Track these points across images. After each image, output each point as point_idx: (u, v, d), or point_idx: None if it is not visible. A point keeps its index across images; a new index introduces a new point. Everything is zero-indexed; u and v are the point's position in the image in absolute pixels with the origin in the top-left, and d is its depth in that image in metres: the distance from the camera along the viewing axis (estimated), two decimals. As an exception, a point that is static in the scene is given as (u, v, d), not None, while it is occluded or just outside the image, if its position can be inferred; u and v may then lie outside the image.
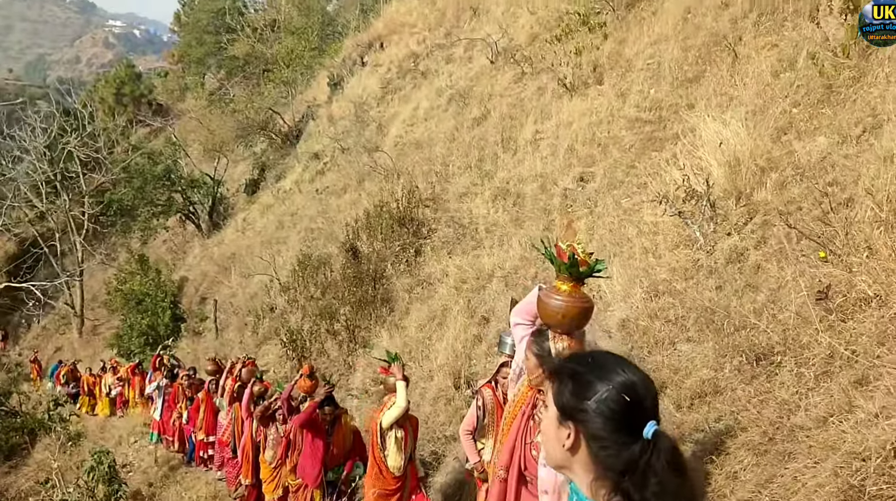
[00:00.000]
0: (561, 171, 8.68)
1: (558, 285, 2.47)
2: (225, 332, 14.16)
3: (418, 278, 9.09)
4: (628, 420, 1.29)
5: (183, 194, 22.20)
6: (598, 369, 1.34)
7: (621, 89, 9.66)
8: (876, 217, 2.83)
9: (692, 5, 10.32)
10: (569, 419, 1.34)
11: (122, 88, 36.19)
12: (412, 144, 14.89)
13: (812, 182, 4.10)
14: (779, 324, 3.06)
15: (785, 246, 3.56)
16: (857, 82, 5.47)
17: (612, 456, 1.28)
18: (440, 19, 18.95)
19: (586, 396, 1.31)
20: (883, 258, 2.55)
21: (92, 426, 14.63)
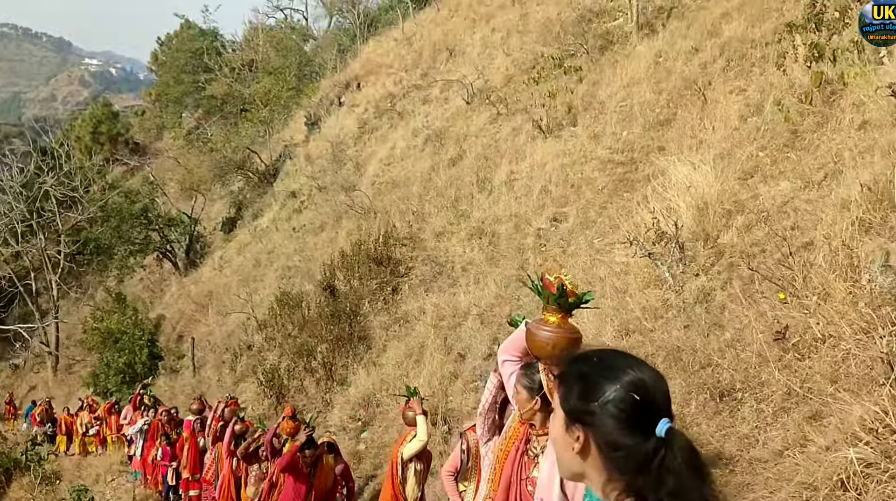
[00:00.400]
0: (535, 211, 8.84)
1: (547, 317, 2.50)
2: (202, 370, 13.93)
3: (395, 316, 9.10)
4: (639, 419, 1.25)
5: (160, 233, 22.00)
6: (606, 368, 1.30)
7: (594, 131, 9.94)
8: (832, 262, 2.99)
9: (663, 49, 10.74)
10: (577, 422, 1.30)
11: (99, 127, 36.00)
12: (389, 183, 15.03)
13: (774, 226, 4.27)
14: (741, 362, 3.17)
15: (748, 287, 3.70)
16: (821, 128, 5.72)
17: (624, 458, 1.24)
18: (417, 60, 19.35)
19: (594, 397, 1.27)
20: (837, 302, 2.68)
21: (68, 465, 14.22)
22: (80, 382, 21.21)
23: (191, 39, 32.41)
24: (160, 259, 23.83)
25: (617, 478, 1.26)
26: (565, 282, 2.50)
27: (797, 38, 5.94)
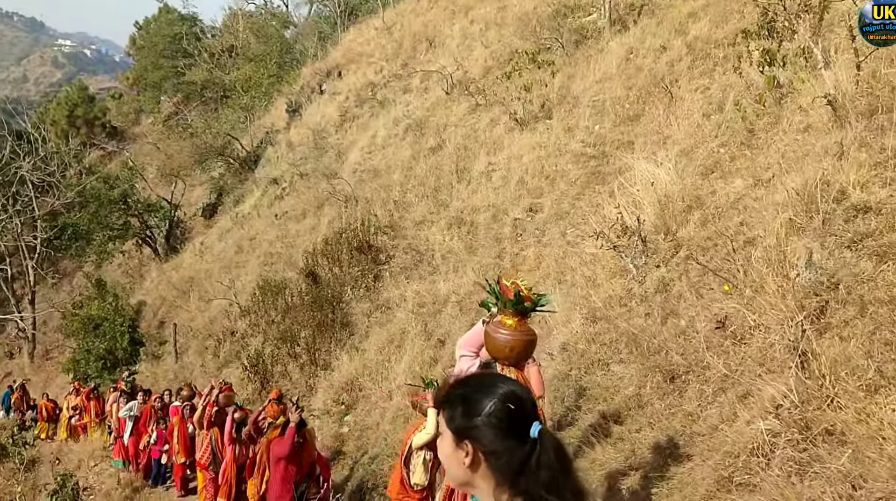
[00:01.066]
0: (512, 202, 9.13)
1: (504, 319, 2.63)
2: (185, 355, 14.07)
3: (377, 303, 9.36)
4: (515, 426, 1.39)
5: (139, 218, 21.90)
6: (481, 387, 1.44)
7: (568, 124, 10.23)
8: (767, 258, 3.32)
9: (634, 46, 11.02)
10: (464, 438, 1.42)
11: (75, 110, 35.39)
12: (370, 171, 15.19)
13: (726, 222, 4.61)
14: (690, 348, 3.50)
15: (701, 279, 4.04)
16: (773, 128, 6.06)
17: (507, 462, 1.38)
18: (397, 50, 19.43)
19: (476, 413, 1.41)
20: (769, 294, 3.01)
21: (47, 451, 14.27)
22: (59, 368, 21.16)
23: (169, 24, 31.94)
24: (140, 245, 23.72)
25: (503, 482, 1.39)
26: (521, 288, 2.63)
27: (751, 43, 6.26)
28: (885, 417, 2.06)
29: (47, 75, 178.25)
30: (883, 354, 2.33)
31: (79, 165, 29.74)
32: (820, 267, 2.95)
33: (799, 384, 2.48)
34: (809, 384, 2.42)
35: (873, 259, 2.74)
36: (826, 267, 2.92)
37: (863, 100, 4.14)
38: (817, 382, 2.40)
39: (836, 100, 4.27)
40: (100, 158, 35.75)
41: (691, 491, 2.64)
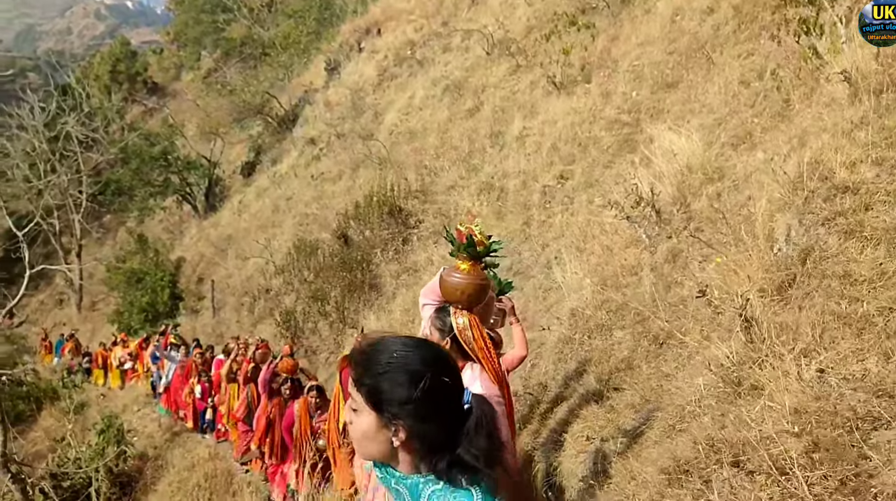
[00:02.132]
0: (543, 168, 9.42)
1: (458, 264, 2.76)
2: (221, 311, 14.99)
3: (405, 266, 9.87)
4: (450, 400, 1.38)
5: (179, 176, 22.91)
6: (407, 361, 1.38)
7: (606, 89, 10.37)
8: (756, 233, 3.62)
9: (682, 6, 10.99)
10: (395, 418, 1.37)
11: (118, 66, 36.69)
12: (406, 133, 15.59)
13: (737, 195, 4.88)
14: (681, 315, 3.86)
15: (705, 250, 4.36)
16: (807, 99, 6.21)
17: (437, 435, 1.36)
18: (438, 7, 19.54)
19: (409, 395, 1.35)
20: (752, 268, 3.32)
21: (94, 396, 15.55)
22: (105, 319, 22.67)
23: (210, -23, 32.61)
24: (180, 202, 24.85)
25: (429, 455, 1.38)
26: (475, 233, 2.81)
27: (789, 11, 6.34)
28: (802, 374, 2.41)
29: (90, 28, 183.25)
30: (827, 323, 2.66)
31: (121, 121, 31.10)
32: (795, 243, 3.25)
33: (740, 348, 2.84)
34: (749, 348, 2.77)
35: (841, 236, 3.02)
36: (799, 243, 3.22)
37: (879, 77, 4.32)
38: (755, 346, 2.76)
39: (851, 76, 4.45)
40: (140, 114, 37.16)
41: (644, 438, 3.06)
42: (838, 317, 2.64)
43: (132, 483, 9.35)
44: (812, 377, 2.40)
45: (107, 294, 25.62)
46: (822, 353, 2.49)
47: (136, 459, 9.44)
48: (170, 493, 8.23)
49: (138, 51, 43.01)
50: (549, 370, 4.78)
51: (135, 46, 43.46)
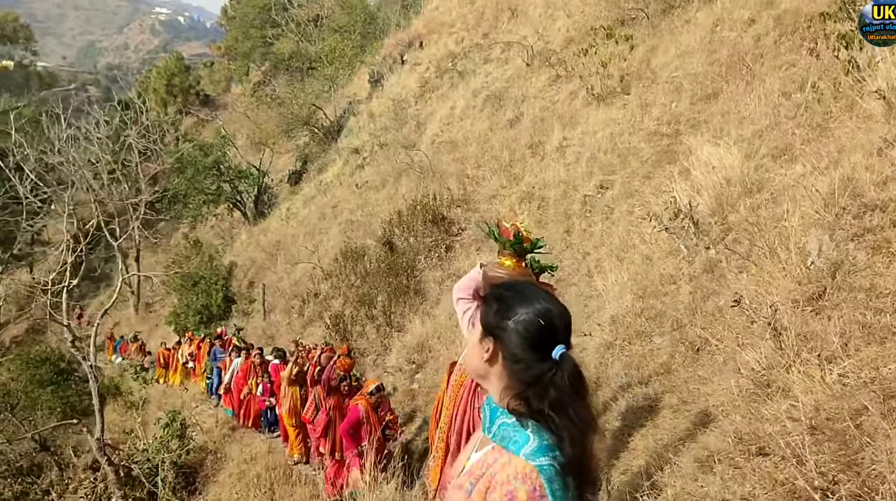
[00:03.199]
0: (583, 178, 9.58)
1: (502, 261, 2.84)
2: (272, 314, 15.49)
3: (448, 272, 10.13)
4: (540, 341, 1.48)
5: (231, 184, 23.70)
6: (521, 296, 1.55)
7: (645, 100, 10.46)
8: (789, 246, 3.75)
9: (722, 17, 10.99)
10: (490, 334, 1.54)
11: (173, 80, 38.08)
12: (448, 143, 15.88)
13: (774, 208, 5.00)
14: (717, 323, 4.01)
15: (741, 262, 4.50)
16: (847, 113, 6.25)
17: (522, 370, 1.49)
18: (479, 19, 19.85)
19: (507, 316, 1.51)
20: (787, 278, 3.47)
21: (154, 394, 16.25)
22: (160, 319, 23.57)
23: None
24: (231, 209, 25.67)
25: (512, 386, 1.50)
26: (521, 229, 2.86)
27: (828, 25, 6.40)
28: (825, 378, 2.57)
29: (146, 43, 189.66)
30: (853, 332, 2.80)
31: (176, 132, 32.26)
32: (826, 257, 3.39)
33: (769, 353, 3.00)
34: (778, 354, 2.93)
35: (869, 251, 3.15)
36: (830, 257, 3.35)
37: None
38: (784, 352, 2.91)
39: (885, 94, 4.53)
40: (193, 124, 38.47)
41: (680, 434, 3.24)
42: (863, 327, 2.78)
43: (194, 474, 9.82)
44: (834, 380, 2.56)
45: (162, 296, 26.64)
46: (845, 360, 2.64)
47: (197, 452, 9.93)
48: (230, 483, 8.63)
49: (191, 65, 44.49)
50: (590, 373, 4.97)
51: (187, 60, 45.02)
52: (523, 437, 1.45)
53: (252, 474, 8.35)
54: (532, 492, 1.39)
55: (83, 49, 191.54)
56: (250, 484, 7.98)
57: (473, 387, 2.92)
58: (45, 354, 17.93)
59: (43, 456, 14.32)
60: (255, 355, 10.23)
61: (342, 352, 6.89)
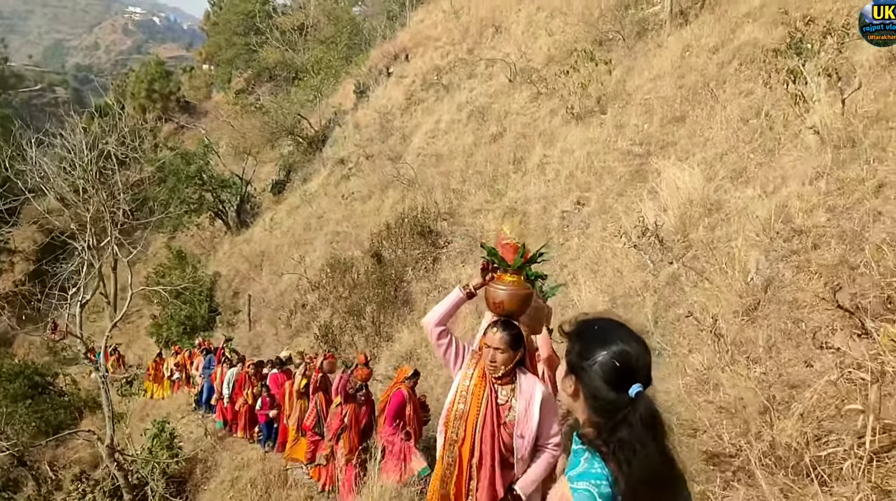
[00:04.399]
0: (561, 194, 10.34)
1: (504, 277, 2.95)
2: (257, 324, 16.03)
3: (435, 283, 10.81)
4: (617, 381, 1.60)
5: (213, 193, 24.16)
6: (601, 337, 1.67)
7: (620, 121, 11.27)
8: (732, 263, 4.49)
9: (691, 43, 11.88)
10: (572, 373, 1.69)
11: (153, 85, 38.42)
12: (433, 156, 16.60)
13: (728, 227, 5.75)
14: (674, 331, 4.73)
15: (699, 276, 5.24)
16: (793, 140, 7.06)
17: (600, 406, 1.62)
18: (464, 34, 20.65)
19: (587, 357, 1.64)
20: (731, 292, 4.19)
21: (134, 406, 16.62)
22: (139, 331, 23.89)
23: (243, 1, 34.19)
24: (213, 218, 26.10)
25: (592, 419, 1.65)
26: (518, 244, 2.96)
27: (779, 61, 7.21)
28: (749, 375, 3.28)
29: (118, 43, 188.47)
30: (776, 337, 3.51)
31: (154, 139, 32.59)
32: (761, 275, 4.12)
33: (710, 356, 3.72)
34: (717, 356, 3.65)
35: (794, 270, 3.88)
36: (764, 275, 4.09)
37: (840, 133, 5.17)
38: (721, 355, 3.63)
39: (819, 130, 5.30)
40: (173, 131, 38.79)
41: None
42: (784, 333, 3.49)
43: (184, 484, 10.29)
44: (756, 376, 3.26)
45: (140, 307, 26.91)
46: (767, 361, 3.35)
47: (186, 462, 10.41)
48: (222, 490, 9.17)
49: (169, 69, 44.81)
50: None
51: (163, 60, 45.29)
52: (576, 461, 1.63)
53: (245, 479, 8.89)
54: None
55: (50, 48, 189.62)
56: (244, 489, 8.51)
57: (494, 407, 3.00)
58: (18, 367, 18.10)
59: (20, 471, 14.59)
60: (248, 365, 10.55)
61: (360, 362, 7.04)
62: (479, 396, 3.04)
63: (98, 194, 27.17)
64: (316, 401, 7.60)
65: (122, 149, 26.67)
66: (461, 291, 3.08)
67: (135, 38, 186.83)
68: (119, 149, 26.50)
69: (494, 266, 3.01)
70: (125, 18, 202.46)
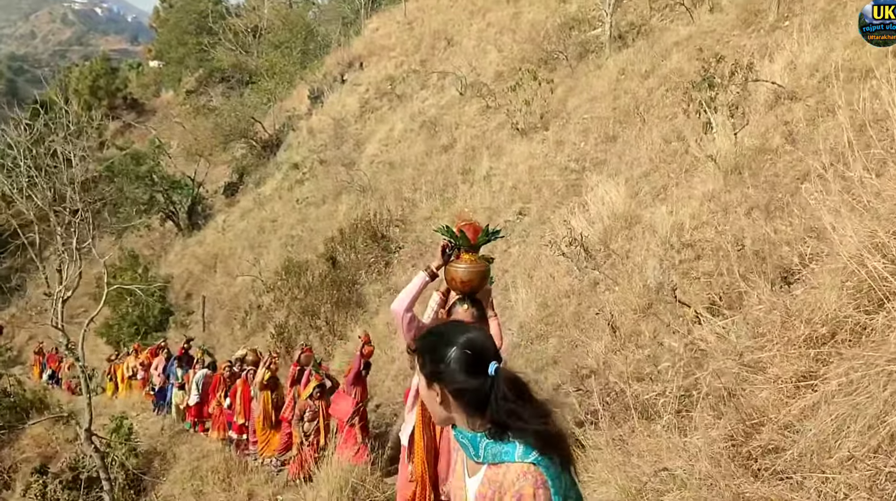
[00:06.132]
0: (505, 205, 11.31)
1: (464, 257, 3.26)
2: (211, 325, 16.51)
3: (387, 286, 11.64)
4: (474, 366, 1.73)
5: (164, 194, 24.35)
6: (444, 338, 1.79)
7: (560, 138, 12.33)
8: (638, 270, 5.48)
9: (626, 67, 13.05)
10: (434, 381, 1.78)
11: (98, 81, 37.96)
12: (386, 163, 17.42)
13: (640, 240, 6.78)
14: (591, 326, 5.71)
15: (608, 282, 6.24)
16: (702, 165, 8.16)
17: (472, 397, 1.73)
18: (417, 46, 21.55)
19: (441, 360, 1.75)
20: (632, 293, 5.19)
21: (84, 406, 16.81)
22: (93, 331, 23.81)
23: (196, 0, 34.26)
24: (163, 219, 26.22)
25: (472, 413, 1.75)
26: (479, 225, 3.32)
27: (694, 93, 8.32)
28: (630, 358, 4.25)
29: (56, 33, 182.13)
30: (660, 329, 4.49)
31: (101, 137, 32.34)
32: (655, 280, 5.11)
33: (609, 343, 4.69)
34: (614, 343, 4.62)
35: (681, 276, 4.89)
36: (658, 280, 5.08)
37: (732, 161, 6.26)
38: (616, 343, 4.61)
39: (716, 158, 6.38)
40: (119, 129, 38.39)
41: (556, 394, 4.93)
42: (666, 326, 4.47)
43: (142, 477, 10.76)
44: (639, 358, 4.23)
45: (87, 307, 26.75)
46: (650, 347, 4.32)
47: (144, 455, 10.89)
48: (182, 480, 9.75)
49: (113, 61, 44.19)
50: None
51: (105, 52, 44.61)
52: (511, 446, 1.71)
53: (206, 468, 9.50)
54: (535, 484, 1.66)
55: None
56: (205, 477, 9.12)
57: None
58: (-45, 369, 17.99)
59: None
60: (224, 366, 10.66)
61: (364, 340, 7.40)
62: None
63: (43, 191, 26.99)
64: (293, 394, 8.02)
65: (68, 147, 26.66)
66: (425, 273, 3.29)
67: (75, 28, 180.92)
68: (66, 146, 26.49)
69: (454, 247, 3.28)
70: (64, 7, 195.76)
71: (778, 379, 2.79)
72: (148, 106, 40.16)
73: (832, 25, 8.67)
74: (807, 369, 2.68)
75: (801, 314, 2.88)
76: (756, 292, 3.53)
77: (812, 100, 6.58)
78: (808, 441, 2.43)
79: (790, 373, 2.74)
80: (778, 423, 2.63)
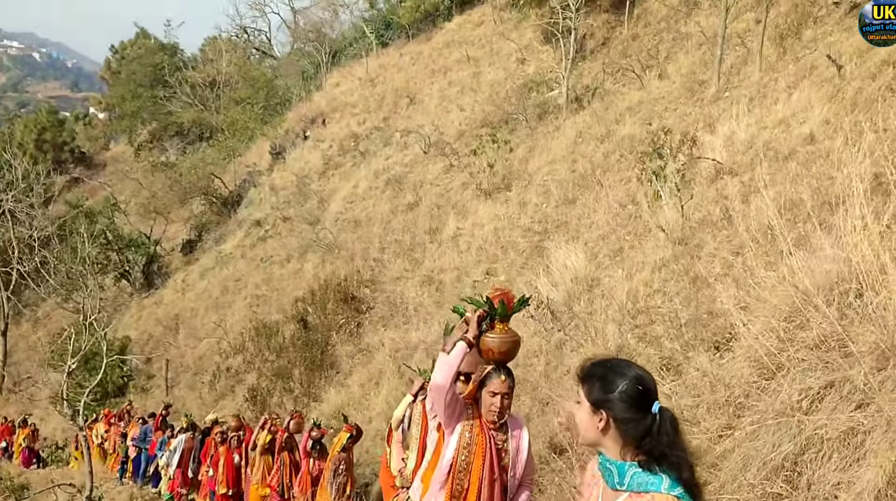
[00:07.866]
0: (473, 265, 12.22)
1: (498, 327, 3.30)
2: (175, 389, 16.82)
3: (359, 347, 12.34)
4: (641, 402, 1.96)
5: (119, 253, 24.61)
6: (618, 370, 2.02)
7: (523, 199, 13.39)
8: (602, 332, 6.42)
9: (583, 130, 14.30)
10: (600, 408, 2.00)
11: (44, 134, 38.16)
12: (351, 221, 18.26)
13: (602, 302, 7.73)
14: (560, 385, 6.56)
15: (579, 342, 7.14)
16: (655, 230, 9.23)
17: (633, 429, 1.96)
18: (379, 103, 22.74)
19: (612, 390, 1.98)
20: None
21: (36, 478, 16.77)
22: (38, 400, 23.60)
23: (150, 53, 35.06)
24: (117, 278, 26.37)
25: (629, 443, 1.98)
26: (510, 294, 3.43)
27: (645, 162, 9.46)
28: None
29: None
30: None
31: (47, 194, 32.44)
32: (615, 343, 6.03)
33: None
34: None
35: (637, 338, 5.81)
36: (617, 342, 6.01)
37: (680, 231, 7.32)
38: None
39: (665, 228, 7.43)
40: (67, 184, 38.46)
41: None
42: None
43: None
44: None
45: (33, 373, 26.50)
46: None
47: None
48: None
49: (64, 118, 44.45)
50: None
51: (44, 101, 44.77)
52: (658, 479, 1.94)
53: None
54: None
55: None
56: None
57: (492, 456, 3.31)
58: None
59: None
60: (216, 432, 10.43)
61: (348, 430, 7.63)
62: (482, 445, 3.29)
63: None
64: (281, 461, 8.28)
65: (20, 206, 26.79)
66: (464, 344, 3.25)
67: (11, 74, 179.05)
68: (17, 206, 26.62)
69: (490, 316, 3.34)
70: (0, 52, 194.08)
71: (707, 431, 3.67)
72: (97, 159, 40.40)
73: (765, 100, 10.00)
74: (727, 422, 3.56)
75: (723, 379, 3.77)
76: (692, 363, 4.45)
77: (746, 176, 7.72)
78: (724, 475, 3.31)
79: (716, 425, 3.62)
80: (706, 463, 3.50)
